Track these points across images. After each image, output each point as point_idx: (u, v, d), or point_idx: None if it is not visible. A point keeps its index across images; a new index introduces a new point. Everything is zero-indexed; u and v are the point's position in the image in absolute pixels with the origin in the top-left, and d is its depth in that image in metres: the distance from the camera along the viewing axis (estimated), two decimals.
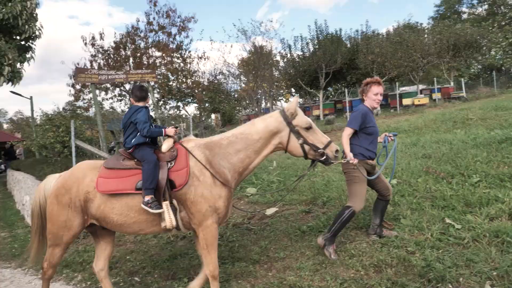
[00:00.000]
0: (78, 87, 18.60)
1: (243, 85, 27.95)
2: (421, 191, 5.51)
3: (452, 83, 27.31)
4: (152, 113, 18.24)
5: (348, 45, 27.49)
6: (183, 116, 24.65)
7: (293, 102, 3.96)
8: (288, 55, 27.92)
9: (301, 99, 38.43)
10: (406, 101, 22.41)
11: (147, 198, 3.57)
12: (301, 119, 3.90)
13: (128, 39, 19.23)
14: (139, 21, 20.07)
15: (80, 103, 19.73)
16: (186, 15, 21.12)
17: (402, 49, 23.00)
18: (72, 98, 19.72)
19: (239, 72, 25.52)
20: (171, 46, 19.80)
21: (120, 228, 3.81)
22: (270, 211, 5.87)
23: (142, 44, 19.57)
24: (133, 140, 3.87)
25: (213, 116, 37.76)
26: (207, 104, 26.71)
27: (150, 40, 19.64)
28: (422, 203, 5.04)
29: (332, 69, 25.21)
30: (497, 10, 44.27)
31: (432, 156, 7.16)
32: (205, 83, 22.23)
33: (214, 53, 60.65)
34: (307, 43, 26.93)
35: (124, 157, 3.91)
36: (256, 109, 23.43)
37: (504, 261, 3.58)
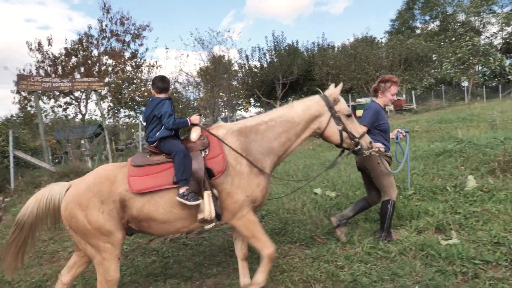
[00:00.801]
0: (24, 94, 17.85)
1: (202, 95, 27.85)
2: None
3: (404, 95, 28.37)
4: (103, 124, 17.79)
5: (305, 57, 28.04)
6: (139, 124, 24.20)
7: (336, 88, 3.91)
8: (246, 65, 28.11)
9: (261, 109, 38.67)
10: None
11: (182, 190, 3.41)
12: (343, 106, 3.90)
13: (80, 46, 18.70)
14: (91, 27, 19.60)
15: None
16: (142, 23, 20.80)
17: (356, 62, 23.72)
18: (17, 106, 18.92)
19: (196, 81, 25.37)
20: (125, 54, 19.45)
21: (162, 228, 3.57)
22: (209, 225, 5.78)
23: (95, 52, 19.10)
24: (157, 134, 3.70)
25: None
26: None
27: (102, 48, 19.20)
28: (356, 217, 5.11)
29: (289, 80, 25.58)
30: (448, 26, 46.56)
31: None
32: None
33: (171, 62, 60.21)
34: (264, 54, 27.24)
35: (151, 152, 3.73)
36: (213, 118, 23.31)
37: (426, 275, 3.66)
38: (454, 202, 5.23)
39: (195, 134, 3.72)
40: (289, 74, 25.49)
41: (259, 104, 36.59)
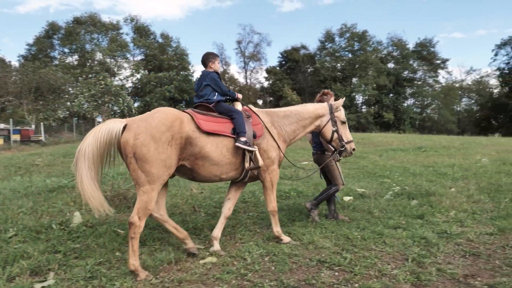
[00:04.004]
0: None
1: None
2: None
3: (33, 126, 26.81)
4: None
5: None
6: None
7: (341, 100, 5.41)
8: None
9: None
10: None
11: (243, 138, 4.51)
12: (342, 114, 5.36)
13: None
14: None
15: None
16: None
17: None
18: None
19: None
20: None
21: (211, 169, 4.42)
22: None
23: None
24: (215, 97, 4.74)
25: None
26: None
27: None
28: None
29: None
30: (86, 62, 48.18)
31: None
32: None
33: None
34: None
35: (205, 110, 4.67)
36: None
37: None
38: (57, 240, 5.13)
39: (240, 107, 4.90)
40: None
41: None
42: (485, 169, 11.46)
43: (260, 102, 61.09)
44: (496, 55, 60.35)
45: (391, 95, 56.92)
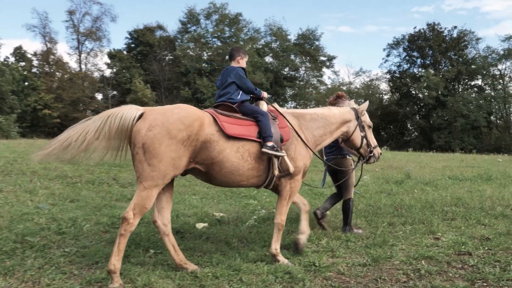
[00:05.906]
0: None
1: None
2: None
3: None
4: None
5: None
6: None
7: (365, 104, 6.82)
8: None
9: None
10: None
11: (270, 143, 5.24)
12: (367, 118, 6.77)
13: None
14: None
15: None
16: None
17: None
18: None
19: None
20: None
21: (228, 176, 5.23)
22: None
23: None
24: (239, 96, 5.57)
25: None
26: None
27: None
28: None
29: None
30: None
31: None
32: None
33: None
34: None
35: (227, 110, 5.46)
36: None
37: None
38: None
39: (265, 107, 5.78)
40: None
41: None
42: (366, 188, 12.75)
43: (99, 96, 59.00)
44: (388, 55, 66.19)
45: (269, 96, 59.63)
